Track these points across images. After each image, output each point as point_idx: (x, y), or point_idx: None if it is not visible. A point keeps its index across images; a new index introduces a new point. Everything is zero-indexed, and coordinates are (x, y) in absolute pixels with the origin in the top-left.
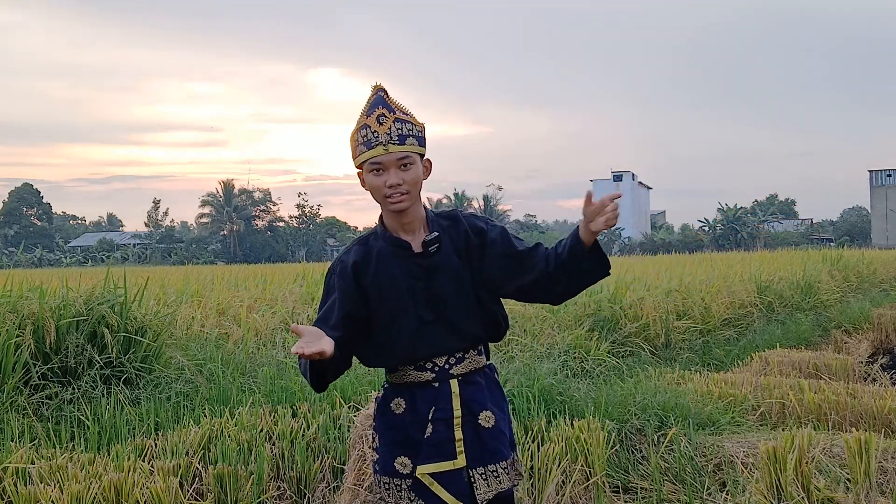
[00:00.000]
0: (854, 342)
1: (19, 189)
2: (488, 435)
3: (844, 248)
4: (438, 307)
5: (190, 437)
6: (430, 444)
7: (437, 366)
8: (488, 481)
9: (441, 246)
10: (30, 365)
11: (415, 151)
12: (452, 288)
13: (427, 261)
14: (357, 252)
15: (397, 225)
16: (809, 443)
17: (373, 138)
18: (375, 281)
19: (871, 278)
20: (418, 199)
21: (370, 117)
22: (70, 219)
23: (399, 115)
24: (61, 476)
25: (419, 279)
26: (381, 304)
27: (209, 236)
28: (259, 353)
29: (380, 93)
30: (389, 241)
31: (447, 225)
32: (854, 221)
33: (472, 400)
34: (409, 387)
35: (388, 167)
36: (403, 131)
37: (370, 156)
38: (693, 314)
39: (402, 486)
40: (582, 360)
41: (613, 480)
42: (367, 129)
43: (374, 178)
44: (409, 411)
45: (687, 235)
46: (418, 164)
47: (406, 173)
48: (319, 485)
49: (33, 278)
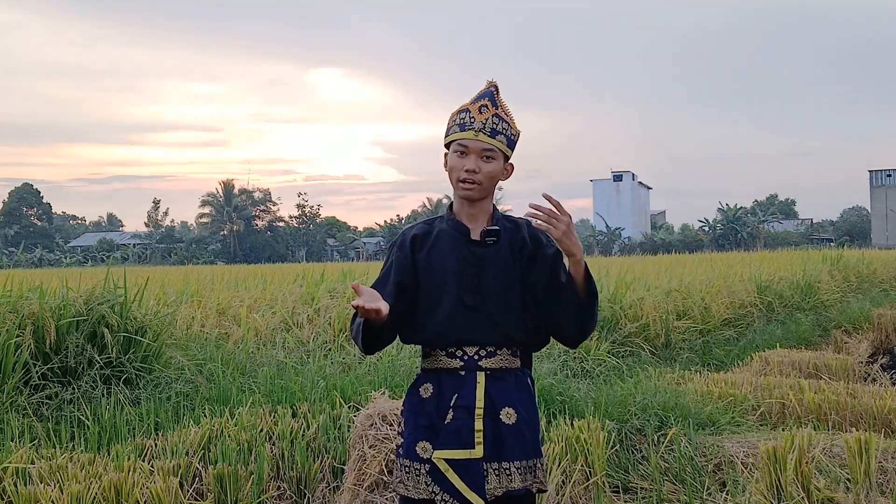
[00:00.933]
0: (854, 342)
1: (19, 189)
2: (507, 431)
3: (844, 248)
4: (481, 296)
5: (190, 437)
6: (449, 431)
7: (467, 355)
8: (500, 478)
9: (499, 240)
10: (30, 365)
11: (501, 149)
12: (499, 282)
13: (482, 250)
14: (420, 228)
15: (462, 212)
16: (809, 443)
17: (468, 122)
18: (428, 257)
19: (871, 278)
20: (489, 196)
21: (474, 104)
22: (70, 219)
23: (500, 112)
24: (61, 476)
25: (470, 265)
26: (428, 281)
27: (209, 236)
28: (259, 353)
29: (491, 88)
30: (451, 224)
31: (510, 226)
32: (854, 221)
33: (497, 394)
34: (439, 373)
35: (471, 153)
36: (498, 128)
37: (459, 137)
38: (693, 314)
39: (421, 471)
40: (582, 360)
41: (613, 480)
42: (467, 112)
43: (456, 159)
44: (434, 396)
45: (687, 235)
46: (500, 161)
47: (486, 164)
48: (319, 485)
49: (33, 278)
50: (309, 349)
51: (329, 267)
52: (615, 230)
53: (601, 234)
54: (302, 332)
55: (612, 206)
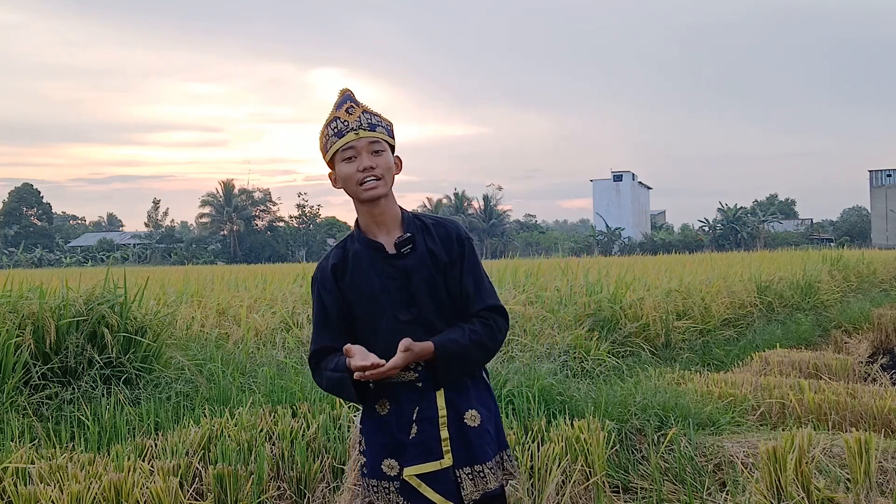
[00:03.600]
0: (854, 342)
1: (19, 189)
2: (474, 434)
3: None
4: (414, 308)
5: (190, 437)
6: (416, 445)
7: (420, 365)
8: (475, 481)
9: (415, 246)
10: (30, 365)
11: (385, 139)
12: (426, 289)
13: (401, 262)
14: (335, 255)
15: (371, 221)
16: (809, 443)
17: (343, 127)
18: (352, 284)
19: (871, 278)
20: (391, 194)
21: (339, 110)
22: (70, 219)
23: (367, 108)
24: (61, 476)
25: (394, 279)
26: (360, 306)
27: (209, 236)
28: (259, 353)
29: (347, 93)
30: (364, 243)
31: (421, 227)
32: (854, 221)
33: (457, 398)
34: (394, 387)
35: (360, 152)
36: (373, 121)
37: (342, 143)
38: (693, 314)
39: (391, 489)
40: (582, 360)
41: (613, 480)
42: (337, 120)
43: (347, 167)
44: (393, 412)
45: (687, 235)
46: (389, 153)
47: (378, 158)
48: (319, 485)
49: (33, 278)
50: (309, 349)
51: None
52: (615, 230)
53: (601, 234)
54: (302, 332)
55: (612, 207)
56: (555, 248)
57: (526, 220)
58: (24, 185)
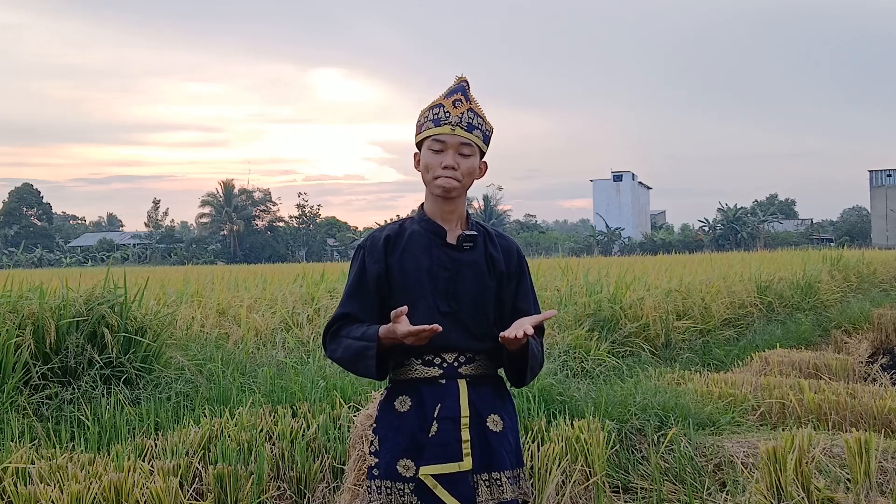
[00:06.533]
0: (854, 342)
1: (19, 189)
2: (496, 439)
3: (844, 248)
4: (455, 303)
5: (190, 437)
6: (435, 444)
7: (446, 362)
8: (491, 489)
9: (475, 246)
10: (30, 365)
11: (478, 144)
12: (475, 288)
13: (457, 254)
14: (391, 229)
15: (437, 212)
16: (809, 443)
17: (443, 117)
18: (401, 260)
19: (871, 278)
20: (464, 195)
21: (447, 99)
22: (70, 219)
23: (474, 106)
24: (61, 476)
25: (444, 269)
26: (402, 286)
27: (209, 236)
28: (259, 353)
29: (462, 83)
30: (425, 225)
31: (484, 231)
32: (854, 221)
33: (480, 402)
34: (415, 383)
35: (448, 148)
36: (474, 122)
37: (435, 132)
38: (693, 314)
39: (405, 491)
40: (582, 360)
41: (613, 480)
42: (441, 107)
43: (431, 156)
44: (414, 409)
45: (687, 235)
46: (477, 158)
47: (464, 160)
48: (319, 485)
49: (33, 278)
50: (309, 349)
51: (329, 267)
52: (615, 230)
53: (601, 234)
54: (302, 332)
55: (612, 206)
56: (555, 248)
57: (526, 220)
58: (24, 185)
